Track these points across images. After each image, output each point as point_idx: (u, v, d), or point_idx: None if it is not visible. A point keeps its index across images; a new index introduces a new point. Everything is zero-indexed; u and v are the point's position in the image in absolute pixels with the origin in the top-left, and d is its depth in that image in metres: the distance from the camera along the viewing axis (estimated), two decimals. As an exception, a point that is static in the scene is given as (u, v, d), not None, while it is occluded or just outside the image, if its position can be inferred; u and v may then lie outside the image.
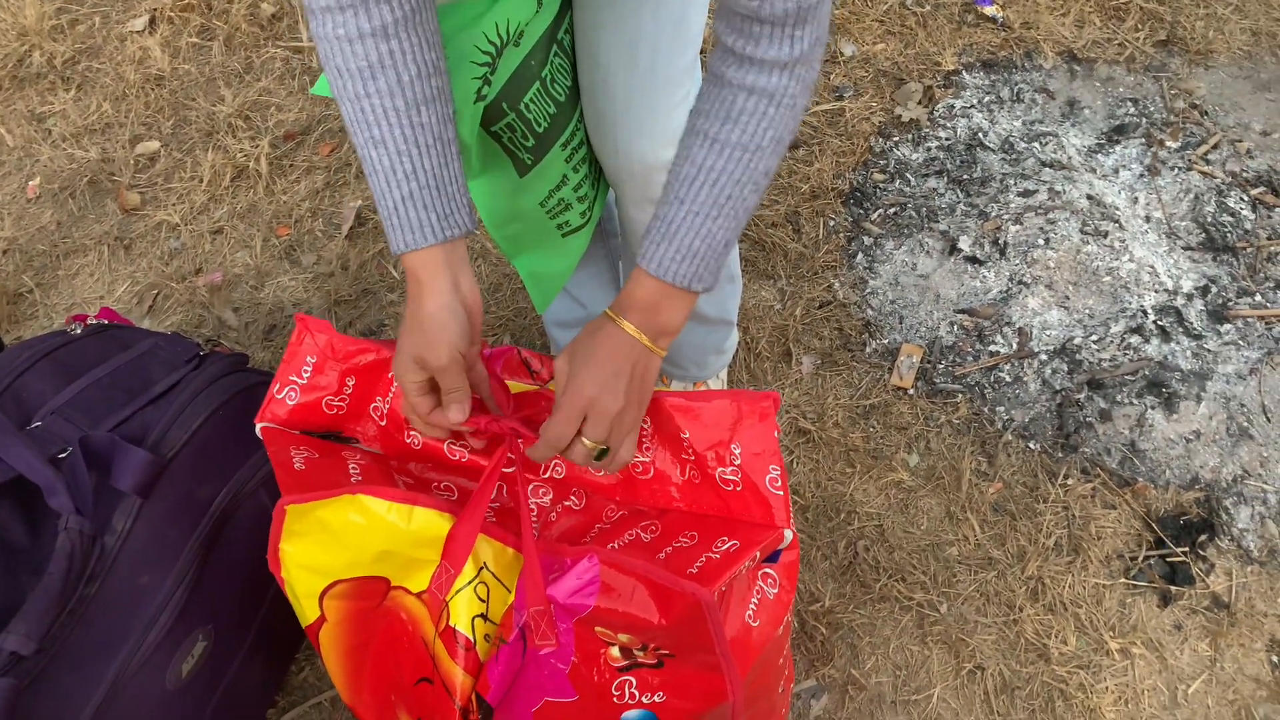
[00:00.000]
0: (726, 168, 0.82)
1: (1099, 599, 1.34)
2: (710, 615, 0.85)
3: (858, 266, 1.66)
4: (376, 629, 0.99)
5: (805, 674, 1.30)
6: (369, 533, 0.91)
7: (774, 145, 0.82)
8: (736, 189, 0.83)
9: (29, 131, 1.89)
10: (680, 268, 0.84)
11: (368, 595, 0.95)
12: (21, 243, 1.76)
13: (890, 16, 1.96)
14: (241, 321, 1.65)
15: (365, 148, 0.84)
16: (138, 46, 1.99)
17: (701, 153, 0.82)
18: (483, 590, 0.92)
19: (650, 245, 0.85)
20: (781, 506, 0.92)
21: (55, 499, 1.00)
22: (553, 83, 1.03)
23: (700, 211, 0.83)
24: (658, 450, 0.96)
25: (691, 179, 0.83)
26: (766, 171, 0.84)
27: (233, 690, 1.15)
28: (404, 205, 0.84)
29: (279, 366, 1.01)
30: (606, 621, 0.88)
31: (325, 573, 0.95)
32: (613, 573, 0.87)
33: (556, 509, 0.97)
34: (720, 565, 0.86)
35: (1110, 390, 1.51)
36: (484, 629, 0.94)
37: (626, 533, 0.92)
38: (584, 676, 0.93)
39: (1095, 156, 1.76)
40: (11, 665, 0.94)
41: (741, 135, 0.81)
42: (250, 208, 1.77)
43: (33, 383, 1.12)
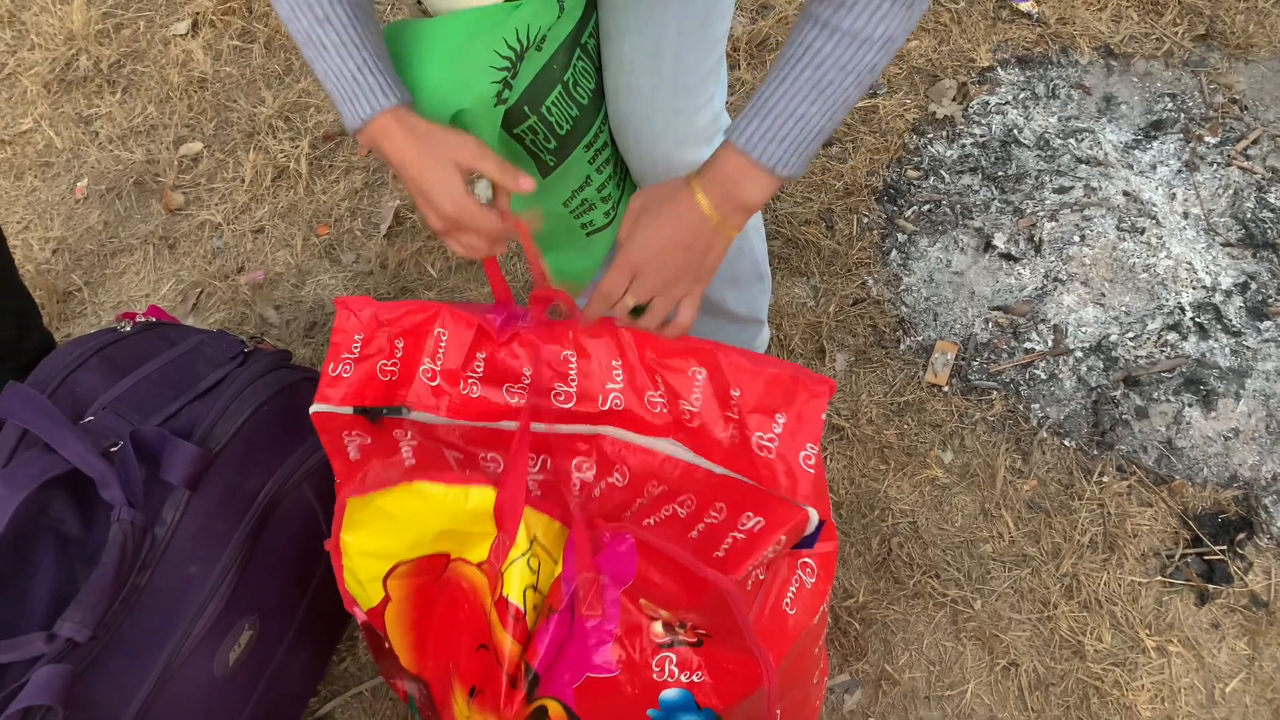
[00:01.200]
0: (834, 52, 0.80)
1: (1135, 597, 1.34)
2: (733, 603, 0.86)
3: (892, 263, 1.67)
4: (439, 599, 1.01)
5: (839, 668, 1.31)
6: (429, 515, 0.93)
7: (884, 42, 0.81)
8: (839, 75, 0.81)
9: (77, 134, 1.94)
10: (770, 146, 0.83)
11: (430, 570, 0.98)
12: (70, 242, 1.81)
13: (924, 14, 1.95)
14: (283, 319, 1.68)
15: (312, 27, 0.86)
16: (181, 50, 2.03)
17: (811, 35, 0.81)
18: (534, 562, 0.95)
19: (743, 120, 0.84)
20: (809, 484, 0.92)
21: (108, 491, 1.03)
22: (575, 86, 1.04)
23: (799, 94, 0.82)
24: (707, 401, 0.97)
25: (796, 59, 0.82)
26: (873, 67, 0.82)
27: (278, 678, 1.18)
28: (360, 73, 0.86)
29: (328, 350, 1.03)
30: (649, 594, 0.90)
31: (388, 556, 0.98)
32: (646, 551, 0.89)
33: (600, 485, 0.98)
34: (745, 548, 0.87)
35: (1147, 387, 1.50)
36: (534, 599, 0.96)
37: (664, 508, 0.94)
38: (626, 651, 0.94)
39: (1132, 152, 1.75)
40: (67, 651, 0.97)
41: (854, 23, 0.79)
42: (291, 207, 1.81)
43: (85, 379, 1.16)
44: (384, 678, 1.20)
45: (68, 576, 1.03)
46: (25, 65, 2.04)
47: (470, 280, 1.70)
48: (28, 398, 1.09)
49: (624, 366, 0.98)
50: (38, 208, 1.85)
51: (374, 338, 1.02)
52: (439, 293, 1.68)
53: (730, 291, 1.32)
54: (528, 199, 1.10)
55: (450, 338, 1.02)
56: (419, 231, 1.76)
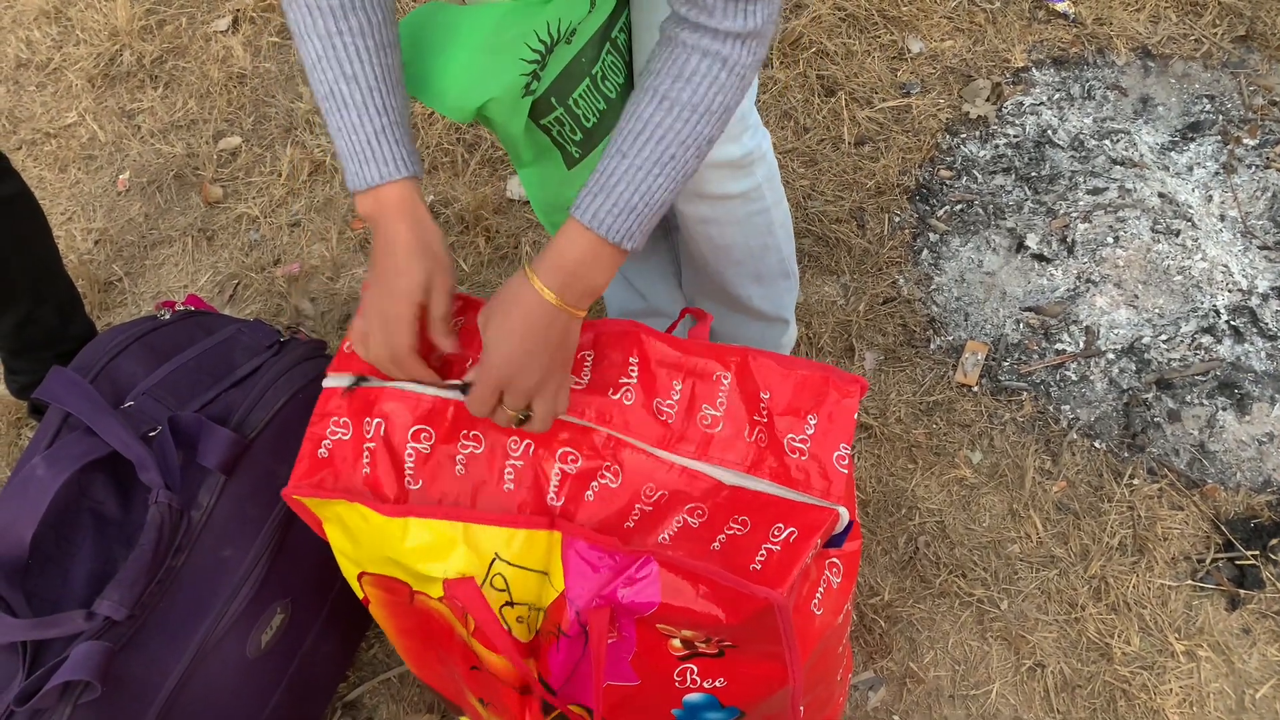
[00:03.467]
0: (674, 126, 0.82)
1: (1164, 600, 1.33)
2: (782, 617, 0.84)
3: (923, 263, 1.66)
4: (416, 621, 1.01)
5: (863, 666, 1.31)
6: (374, 538, 0.93)
7: (721, 112, 0.83)
8: (680, 149, 0.83)
9: (120, 128, 1.98)
10: (616, 222, 0.84)
11: (395, 591, 0.97)
12: (112, 234, 1.84)
13: (959, 13, 1.95)
14: (317, 311, 1.71)
15: (337, 84, 0.85)
16: (221, 46, 2.07)
17: (650, 109, 0.83)
18: (499, 581, 0.93)
19: (587, 197, 0.84)
20: (842, 484, 0.91)
21: (146, 474, 1.06)
22: (604, 80, 1.05)
23: (643, 167, 0.83)
24: (732, 405, 0.95)
25: (637, 134, 0.83)
26: (710, 139, 0.84)
27: (308, 662, 1.20)
28: (378, 138, 0.86)
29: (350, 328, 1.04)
30: (669, 620, 0.89)
31: (354, 560, 0.98)
32: (672, 576, 0.86)
33: (592, 488, 0.94)
34: (785, 559, 0.85)
35: (1180, 390, 1.49)
36: (515, 612, 0.95)
37: (673, 519, 0.90)
38: (646, 663, 0.94)
39: (1168, 154, 1.73)
40: (106, 629, 1.00)
41: (692, 96, 0.82)
42: (327, 202, 1.83)
43: (125, 365, 1.18)
44: None
45: (106, 556, 1.06)
46: (70, 60, 2.08)
47: (503, 275, 1.72)
48: (71, 382, 1.11)
49: (640, 366, 0.96)
50: (81, 199, 1.89)
51: None
52: (471, 287, 1.70)
53: (756, 289, 1.32)
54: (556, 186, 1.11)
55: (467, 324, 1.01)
56: (451, 226, 1.78)
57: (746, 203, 1.19)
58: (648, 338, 0.97)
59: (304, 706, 1.22)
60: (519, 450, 0.94)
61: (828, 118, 1.83)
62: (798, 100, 1.86)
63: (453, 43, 0.93)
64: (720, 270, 1.29)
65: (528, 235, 1.75)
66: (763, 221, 1.23)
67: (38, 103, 2.03)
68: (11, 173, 1.36)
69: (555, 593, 0.92)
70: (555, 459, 0.94)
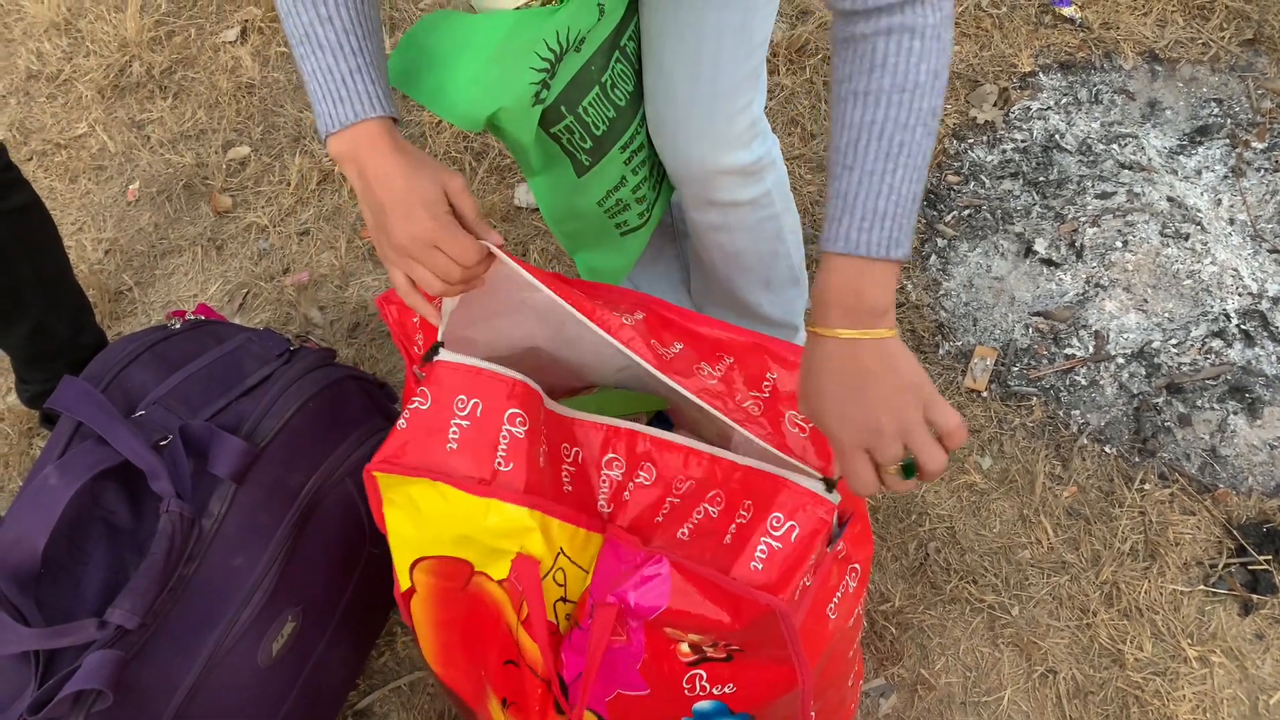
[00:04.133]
0: (890, 115, 0.74)
1: (1177, 606, 1.32)
2: (785, 623, 0.85)
3: (931, 268, 1.66)
4: (463, 609, 1.01)
5: (874, 673, 1.31)
6: (450, 516, 0.93)
7: (931, 80, 0.75)
8: (907, 134, 0.75)
9: (129, 138, 1.99)
10: (871, 235, 0.75)
11: (452, 576, 0.97)
12: (122, 243, 1.85)
13: (965, 18, 1.95)
14: (327, 319, 1.71)
15: (311, 26, 0.83)
16: (230, 56, 2.08)
17: (856, 112, 0.75)
18: (560, 576, 0.94)
19: (831, 225, 0.76)
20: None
21: (158, 483, 1.06)
22: (613, 88, 1.05)
23: (875, 170, 0.74)
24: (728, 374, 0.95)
25: (854, 141, 0.75)
26: (933, 110, 0.75)
27: (319, 670, 1.20)
28: (352, 77, 0.83)
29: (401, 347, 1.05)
30: (676, 623, 0.89)
31: (414, 546, 0.97)
32: (680, 578, 0.88)
33: (629, 486, 0.96)
34: (786, 561, 0.86)
35: (1190, 395, 1.48)
36: (565, 610, 0.97)
37: (695, 510, 0.92)
38: (655, 670, 0.95)
39: (1177, 158, 1.73)
40: (117, 638, 1.00)
41: (894, 79, 0.74)
42: (335, 210, 1.84)
43: (136, 374, 1.19)
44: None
45: (118, 565, 1.06)
46: (81, 71, 2.09)
47: (510, 283, 1.72)
48: (82, 392, 1.12)
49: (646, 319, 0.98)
50: (91, 209, 1.90)
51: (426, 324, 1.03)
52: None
53: (765, 295, 1.33)
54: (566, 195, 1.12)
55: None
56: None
57: (756, 209, 1.19)
58: (657, 304, 0.99)
59: (315, 714, 1.22)
60: (570, 456, 0.97)
61: (835, 124, 1.83)
62: (804, 106, 1.86)
63: (463, 52, 0.93)
64: (730, 277, 1.29)
65: (535, 242, 1.75)
66: (773, 228, 1.23)
67: (48, 114, 2.04)
68: (22, 183, 1.36)
69: (585, 585, 0.95)
70: (602, 466, 0.96)
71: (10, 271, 1.38)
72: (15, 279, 1.39)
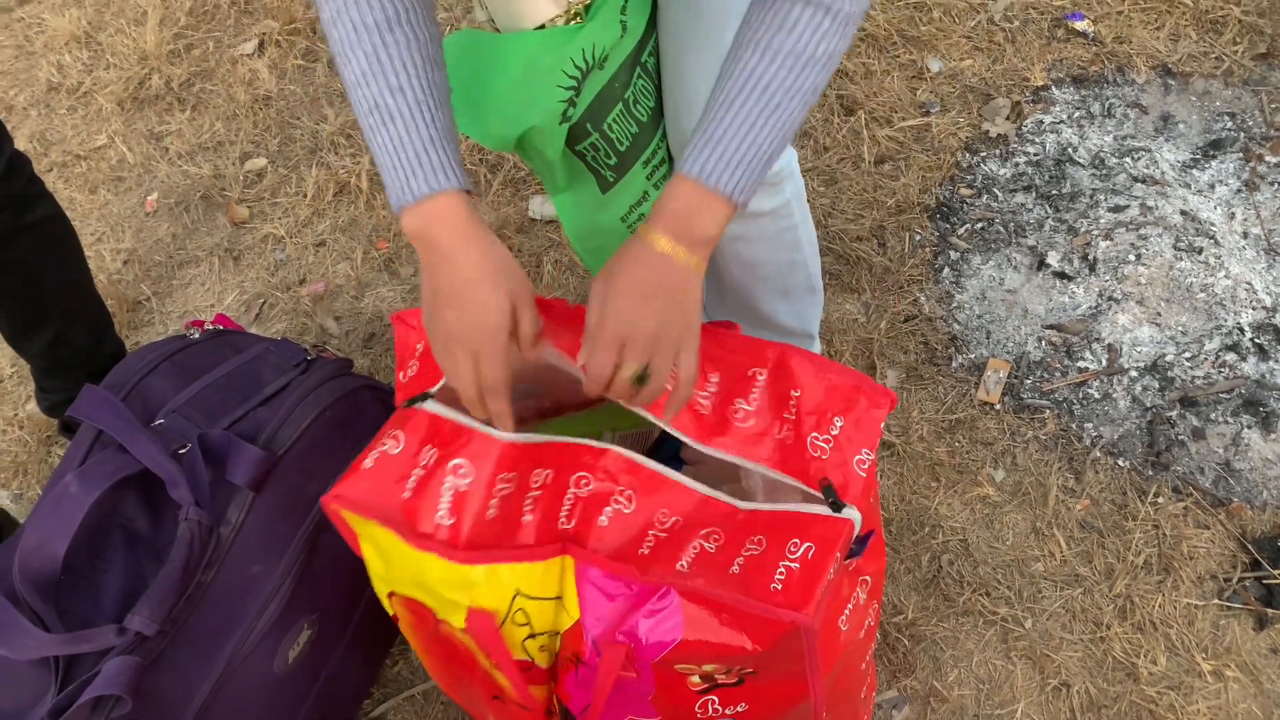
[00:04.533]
0: (778, 75, 0.81)
1: (1191, 620, 1.32)
2: (808, 639, 0.84)
3: (944, 281, 1.67)
4: (440, 646, 1.01)
5: (887, 684, 1.31)
6: (404, 560, 0.92)
7: (825, 60, 0.81)
8: (785, 99, 0.81)
9: (148, 149, 2.01)
10: (724, 174, 0.82)
11: (422, 616, 0.96)
12: (140, 254, 1.87)
13: (978, 32, 1.96)
14: (342, 330, 1.73)
15: (382, 96, 0.81)
16: (247, 69, 2.10)
17: (754, 60, 0.81)
18: (520, 617, 0.92)
19: (694, 151, 0.82)
20: (860, 487, 0.90)
21: (177, 491, 1.07)
22: (635, 104, 1.06)
23: (749, 119, 0.81)
24: (763, 402, 0.94)
25: (741, 86, 0.81)
26: (815, 88, 0.82)
27: (334, 678, 1.21)
28: (427, 150, 0.82)
29: (396, 363, 1.05)
30: (691, 656, 0.88)
31: (384, 579, 0.97)
32: (694, 606, 0.86)
33: (605, 513, 0.92)
34: (806, 577, 0.84)
35: (1204, 408, 1.48)
36: (538, 642, 0.94)
37: (689, 545, 0.89)
38: (666, 702, 0.93)
39: (1190, 172, 1.73)
40: (136, 644, 1.01)
41: (795, 44, 0.80)
42: (351, 222, 1.85)
43: (156, 383, 1.20)
44: None
45: (137, 572, 1.07)
46: (101, 84, 2.12)
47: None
48: (103, 400, 1.13)
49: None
50: (110, 220, 1.92)
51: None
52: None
53: (782, 304, 1.33)
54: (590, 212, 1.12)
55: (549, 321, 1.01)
56: (475, 246, 1.79)
57: (776, 219, 1.20)
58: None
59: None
60: (539, 481, 0.94)
61: (847, 137, 1.84)
62: (818, 119, 1.87)
63: (492, 71, 0.94)
64: (748, 286, 1.29)
65: (549, 255, 1.76)
66: (791, 238, 1.24)
67: (69, 126, 2.06)
68: (46, 196, 1.38)
69: (570, 619, 0.92)
70: (570, 484, 0.93)
71: (33, 283, 1.40)
72: (38, 290, 1.41)
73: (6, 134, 1.29)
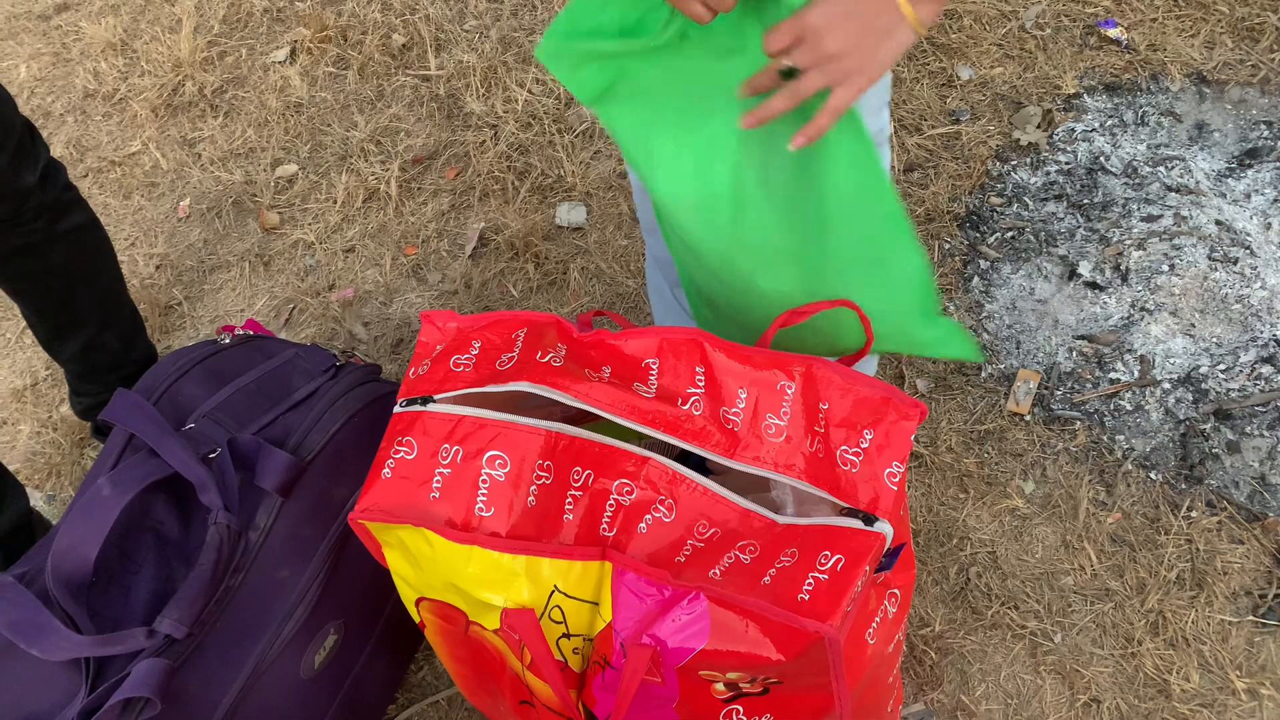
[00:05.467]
0: None
1: (1224, 636, 1.30)
2: (832, 650, 0.84)
3: (973, 290, 1.65)
4: (469, 651, 1.01)
5: (913, 698, 1.29)
6: (436, 563, 0.93)
7: None
8: None
9: (181, 156, 2.03)
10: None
11: (452, 620, 0.97)
12: (173, 259, 1.89)
13: (1009, 40, 1.94)
14: (371, 335, 1.74)
15: None
16: (279, 76, 2.12)
17: None
18: (557, 614, 0.93)
19: None
20: (890, 500, 0.89)
21: (206, 495, 1.08)
22: None
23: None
24: (795, 416, 0.94)
25: None
26: None
27: (359, 683, 1.21)
28: None
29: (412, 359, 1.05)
30: (715, 664, 0.88)
31: (414, 585, 0.98)
32: (722, 611, 0.86)
33: (645, 520, 0.92)
34: (834, 588, 0.84)
35: (1239, 421, 1.46)
36: (571, 644, 0.95)
37: (725, 556, 0.89)
38: (690, 708, 0.93)
39: (1225, 181, 1.71)
40: (166, 646, 1.02)
41: None
42: (380, 228, 1.87)
43: (187, 388, 1.21)
44: None
45: (167, 575, 1.08)
46: (135, 91, 2.14)
47: (552, 300, 1.73)
48: (135, 405, 1.14)
49: (706, 376, 0.95)
50: (143, 225, 1.94)
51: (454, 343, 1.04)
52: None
53: None
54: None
55: (529, 333, 1.01)
56: (502, 253, 1.80)
57: None
58: (713, 348, 0.96)
59: (354, 727, 1.23)
60: (580, 480, 0.94)
61: (876, 145, 1.83)
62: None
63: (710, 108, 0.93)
64: None
65: (576, 261, 1.77)
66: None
67: (104, 132, 2.09)
68: (80, 203, 1.40)
69: (603, 623, 0.92)
70: (613, 490, 0.93)
71: (68, 289, 1.41)
72: (72, 296, 1.43)
73: (42, 142, 1.31)
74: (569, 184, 1.86)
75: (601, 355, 0.99)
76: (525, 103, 1.99)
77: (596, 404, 0.93)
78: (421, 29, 2.13)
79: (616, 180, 1.86)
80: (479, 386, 0.98)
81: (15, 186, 1.26)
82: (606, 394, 0.94)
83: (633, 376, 0.97)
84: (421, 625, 1.04)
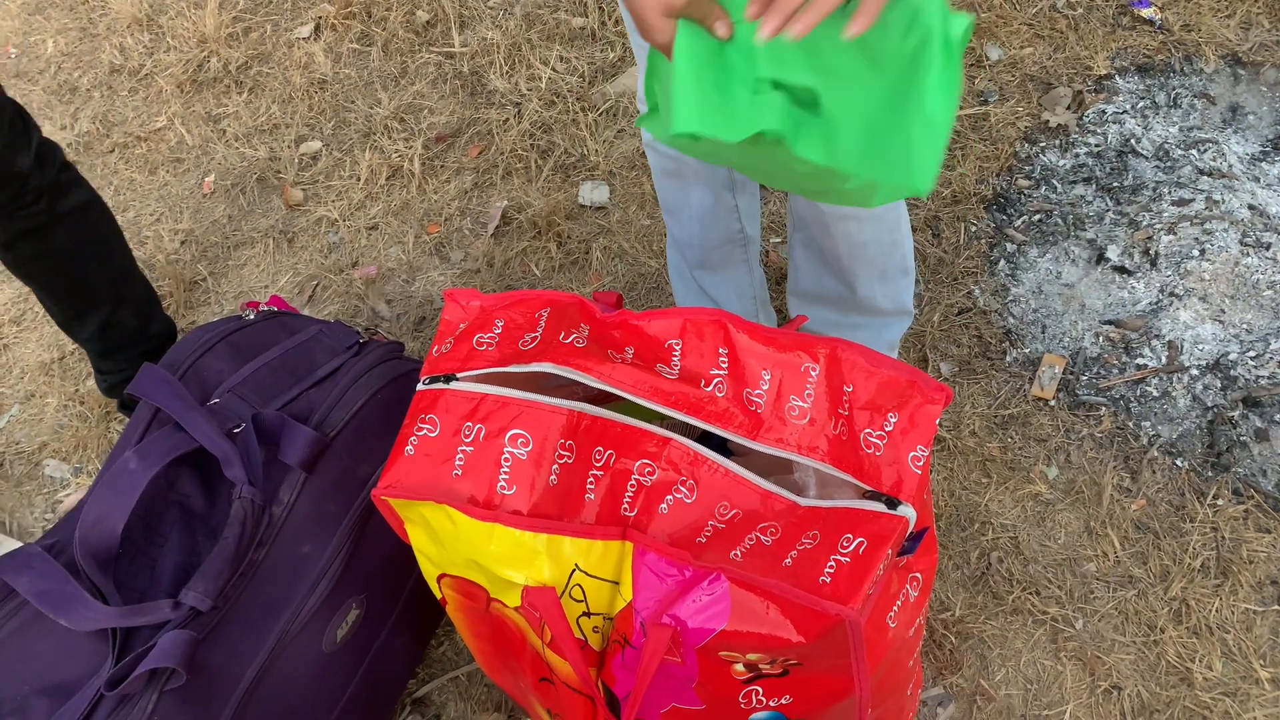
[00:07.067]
0: None
1: (1249, 625, 1.29)
2: (853, 633, 0.84)
3: (999, 273, 1.64)
4: (490, 627, 1.01)
5: (932, 681, 1.29)
6: (458, 540, 0.93)
7: None
8: None
9: (206, 131, 2.04)
10: None
11: (473, 596, 0.97)
12: (198, 234, 1.90)
13: (1040, 19, 1.91)
14: (393, 313, 1.74)
15: None
16: (304, 52, 2.12)
17: None
18: (578, 592, 0.93)
19: None
20: (914, 484, 0.89)
21: (231, 470, 1.09)
22: None
23: None
24: (819, 398, 0.93)
25: None
26: None
27: (380, 658, 1.22)
28: None
29: (435, 337, 1.05)
30: (735, 645, 0.88)
31: (435, 562, 0.98)
32: (743, 592, 0.86)
33: (668, 500, 0.92)
34: (855, 571, 0.83)
35: (1268, 409, 1.44)
36: (591, 622, 0.95)
37: (746, 537, 0.89)
38: (710, 690, 0.94)
39: (1259, 165, 1.68)
40: (191, 618, 1.03)
41: None
42: (403, 206, 1.87)
43: (212, 363, 1.22)
44: None
45: (192, 548, 1.09)
46: (161, 66, 2.15)
47: (573, 280, 1.73)
48: (161, 379, 1.15)
49: (729, 357, 0.95)
50: (169, 201, 1.95)
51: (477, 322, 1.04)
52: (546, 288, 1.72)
53: (880, 288, 1.34)
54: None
55: (553, 313, 1.01)
56: (524, 231, 1.80)
57: None
58: (736, 329, 0.96)
59: (376, 700, 1.24)
60: (601, 460, 0.94)
61: (903, 125, 1.81)
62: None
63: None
64: (852, 269, 1.29)
65: (599, 241, 1.76)
66: (894, 217, 1.25)
67: (129, 107, 2.10)
68: (80, 182, 1.40)
69: (623, 602, 0.92)
70: (634, 470, 0.93)
71: (77, 270, 1.42)
72: (83, 275, 1.43)
73: (33, 123, 1.31)
74: (592, 163, 1.86)
75: (625, 336, 0.99)
76: (549, 80, 1.98)
77: (619, 385, 0.93)
78: (446, 6, 2.13)
79: (639, 159, 1.85)
80: (502, 366, 0.98)
81: (11, 169, 1.27)
82: (629, 375, 0.93)
83: (655, 357, 0.96)
84: (443, 601, 1.04)
